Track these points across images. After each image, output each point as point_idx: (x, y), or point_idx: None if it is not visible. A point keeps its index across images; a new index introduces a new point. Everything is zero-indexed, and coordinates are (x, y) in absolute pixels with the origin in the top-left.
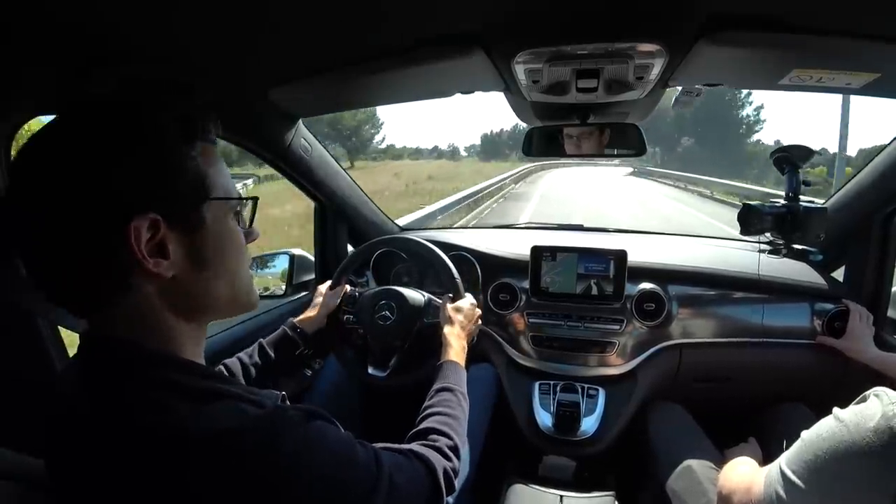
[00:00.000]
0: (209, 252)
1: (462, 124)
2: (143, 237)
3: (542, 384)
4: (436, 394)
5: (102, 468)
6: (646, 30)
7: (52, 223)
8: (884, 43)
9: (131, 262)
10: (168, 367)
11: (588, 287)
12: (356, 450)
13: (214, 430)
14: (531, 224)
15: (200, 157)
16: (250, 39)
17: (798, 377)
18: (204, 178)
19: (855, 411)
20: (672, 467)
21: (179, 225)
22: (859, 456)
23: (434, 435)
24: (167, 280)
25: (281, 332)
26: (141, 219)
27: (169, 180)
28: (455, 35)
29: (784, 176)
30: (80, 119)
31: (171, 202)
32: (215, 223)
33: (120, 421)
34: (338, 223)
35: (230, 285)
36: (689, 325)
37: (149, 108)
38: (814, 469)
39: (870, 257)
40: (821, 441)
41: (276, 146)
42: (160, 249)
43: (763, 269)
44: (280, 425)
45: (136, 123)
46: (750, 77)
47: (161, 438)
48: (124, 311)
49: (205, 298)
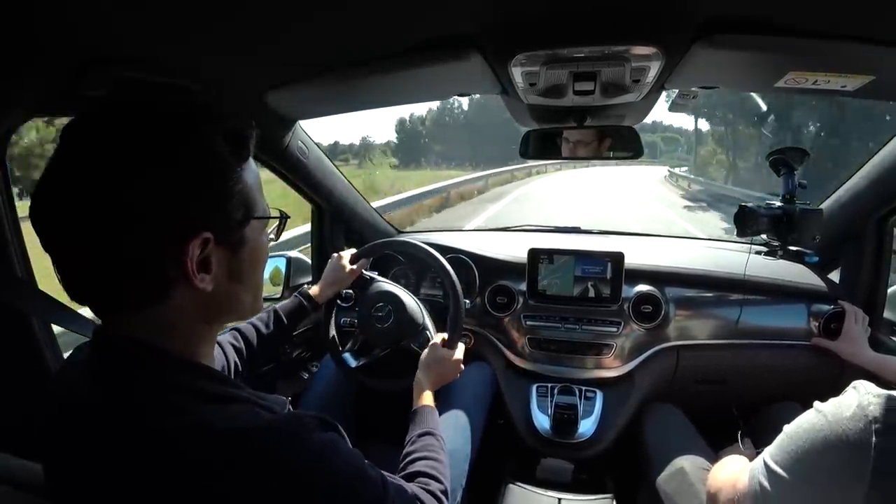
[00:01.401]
0: (245, 267)
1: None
2: (195, 255)
3: (539, 386)
4: (418, 438)
5: (118, 470)
6: (642, 33)
7: (106, 233)
8: (878, 46)
9: (177, 276)
10: (186, 372)
11: (585, 289)
12: (366, 465)
13: (237, 429)
14: (528, 227)
15: (245, 174)
16: (247, 43)
17: (795, 379)
18: (249, 197)
19: (833, 402)
20: (666, 468)
21: (226, 243)
22: (836, 444)
23: (425, 478)
24: (204, 293)
25: (296, 301)
26: (196, 239)
27: (223, 202)
28: (452, 38)
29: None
30: (136, 128)
31: (222, 223)
32: (253, 240)
33: (139, 423)
34: (335, 226)
35: (254, 295)
36: (686, 327)
37: (204, 125)
38: (795, 459)
39: (865, 259)
40: (801, 432)
41: (273, 149)
42: (204, 265)
43: (759, 271)
44: (299, 429)
45: (195, 142)
46: (746, 79)
47: (183, 439)
48: (151, 315)
49: (231, 308)
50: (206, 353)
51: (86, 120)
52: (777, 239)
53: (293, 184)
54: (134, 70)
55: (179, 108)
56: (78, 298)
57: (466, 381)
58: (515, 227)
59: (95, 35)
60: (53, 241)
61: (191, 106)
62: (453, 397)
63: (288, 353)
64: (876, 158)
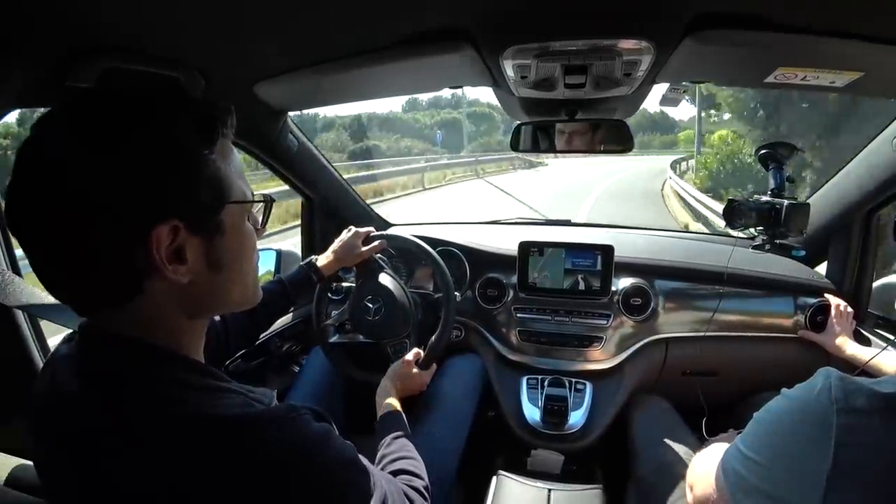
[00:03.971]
0: (226, 256)
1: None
2: (163, 244)
3: (529, 379)
4: (393, 440)
5: (110, 465)
6: (634, 27)
7: (68, 225)
8: (866, 42)
9: (148, 268)
10: (174, 365)
11: (575, 282)
12: (358, 456)
13: (231, 416)
14: (519, 219)
15: (219, 157)
16: (236, 33)
17: (782, 371)
18: (222, 182)
19: (801, 387)
20: (652, 461)
21: (199, 231)
22: (802, 424)
23: (407, 475)
24: (182, 284)
25: (303, 271)
26: (162, 226)
27: (190, 187)
28: (444, 30)
29: (769, 172)
30: (96, 117)
31: (191, 209)
32: (233, 226)
33: (130, 415)
34: (326, 218)
35: (243, 286)
36: (675, 319)
37: (167, 109)
38: (765, 443)
39: (851, 253)
40: (770, 416)
41: (263, 141)
42: (178, 255)
43: (747, 265)
44: (294, 418)
45: (156, 127)
46: (736, 75)
47: (175, 430)
48: (132, 311)
49: (217, 300)
50: (193, 347)
51: (55, 111)
52: (765, 233)
53: (283, 176)
54: (122, 60)
55: (140, 94)
56: (57, 295)
57: (457, 374)
58: (505, 220)
59: (83, 24)
60: (25, 237)
61: (153, 91)
62: (444, 390)
63: (279, 347)
64: (861, 155)
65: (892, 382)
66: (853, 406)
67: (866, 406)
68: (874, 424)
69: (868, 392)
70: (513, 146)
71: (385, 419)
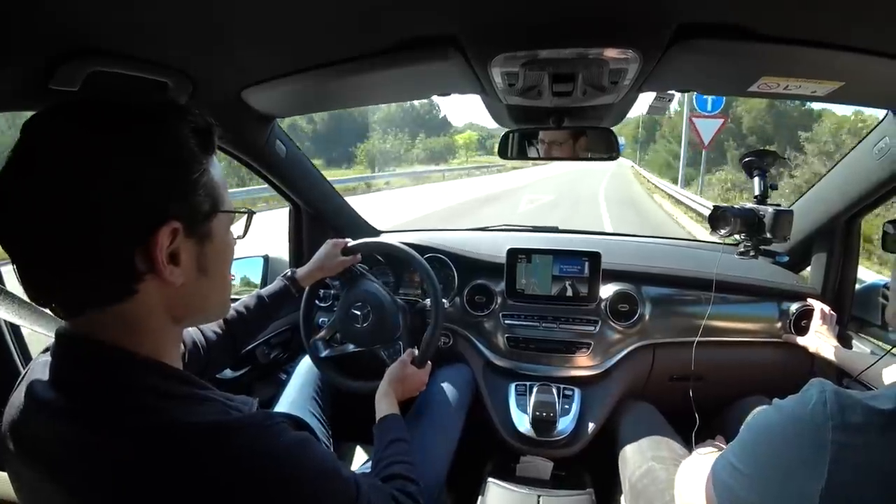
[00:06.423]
0: (212, 262)
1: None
2: (164, 245)
3: (518, 385)
4: (391, 444)
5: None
6: (621, 37)
7: (70, 225)
8: (847, 53)
9: (146, 269)
10: (153, 373)
11: (563, 288)
12: (339, 465)
13: (208, 424)
14: (506, 226)
15: (212, 167)
16: (224, 38)
17: (768, 375)
18: (216, 190)
19: (793, 398)
20: (641, 466)
21: (193, 235)
22: (795, 440)
23: (401, 480)
24: (173, 287)
25: (281, 284)
26: (165, 228)
27: (191, 192)
28: (432, 38)
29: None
30: (104, 121)
31: (190, 214)
32: (219, 235)
33: (106, 425)
34: (313, 225)
35: (222, 293)
36: (661, 325)
37: (173, 117)
38: (756, 455)
39: (834, 258)
40: (762, 429)
41: (251, 147)
42: (173, 257)
43: (732, 271)
44: (270, 427)
45: (164, 132)
46: (720, 83)
47: (153, 438)
48: (117, 314)
49: (199, 304)
50: (172, 354)
51: (51, 114)
52: (749, 239)
53: (271, 182)
54: (109, 64)
55: (149, 101)
56: (39, 299)
57: (446, 381)
58: (493, 227)
59: (70, 28)
60: (13, 241)
61: (160, 99)
62: (433, 397)
63: (266, 355)
64: (844, 162)
65: (888, 397)
66: (849, 422)
67: (862, 422)
68: (870, 442)
69: (864, 408)
70: (500, 153)
71: (384, 422)
